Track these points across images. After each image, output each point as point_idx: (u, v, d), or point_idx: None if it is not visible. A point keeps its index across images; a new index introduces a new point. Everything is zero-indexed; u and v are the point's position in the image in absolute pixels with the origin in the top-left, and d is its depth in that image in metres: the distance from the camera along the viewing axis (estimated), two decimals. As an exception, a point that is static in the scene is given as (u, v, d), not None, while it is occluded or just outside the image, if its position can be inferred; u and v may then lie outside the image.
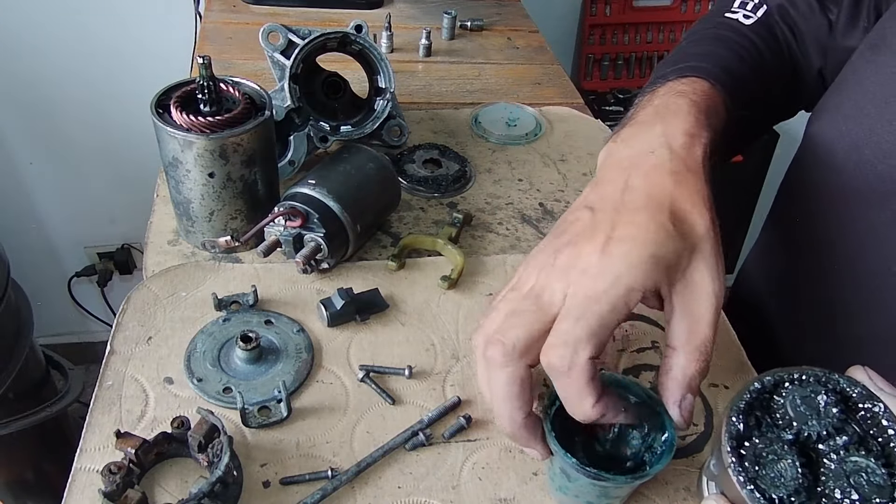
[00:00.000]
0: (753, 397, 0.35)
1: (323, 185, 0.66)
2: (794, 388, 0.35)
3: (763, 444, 0.33)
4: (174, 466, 0.52)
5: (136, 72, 1.55)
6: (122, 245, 1.87)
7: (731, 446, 0.34)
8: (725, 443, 0.34)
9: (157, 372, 0.58)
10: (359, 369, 0.60)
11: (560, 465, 0.47)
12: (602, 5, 1.75)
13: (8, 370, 1.15)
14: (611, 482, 0.46)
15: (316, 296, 0.66)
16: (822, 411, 0.34)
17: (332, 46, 0.80)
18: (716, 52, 0.63)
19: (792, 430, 0.33)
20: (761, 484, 0.32)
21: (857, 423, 0.34)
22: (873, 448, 0.33)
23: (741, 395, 0.35)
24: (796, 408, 0.34)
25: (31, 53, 1.50)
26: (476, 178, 0.84)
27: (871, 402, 0.34)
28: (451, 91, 1.03)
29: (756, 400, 0.35)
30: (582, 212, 0.46)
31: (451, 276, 0.68)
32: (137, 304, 0.64)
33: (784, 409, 0.34)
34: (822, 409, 0.34)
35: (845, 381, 0.34)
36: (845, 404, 0.34)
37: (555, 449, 0.46)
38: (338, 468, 0.52)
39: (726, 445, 0.34)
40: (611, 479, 0.45)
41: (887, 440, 0.32)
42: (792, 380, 0.35)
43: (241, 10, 1.17)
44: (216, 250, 0.68)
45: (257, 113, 0.64)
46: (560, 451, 0.45)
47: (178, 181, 0.65)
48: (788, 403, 0.34)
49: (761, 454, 0.33)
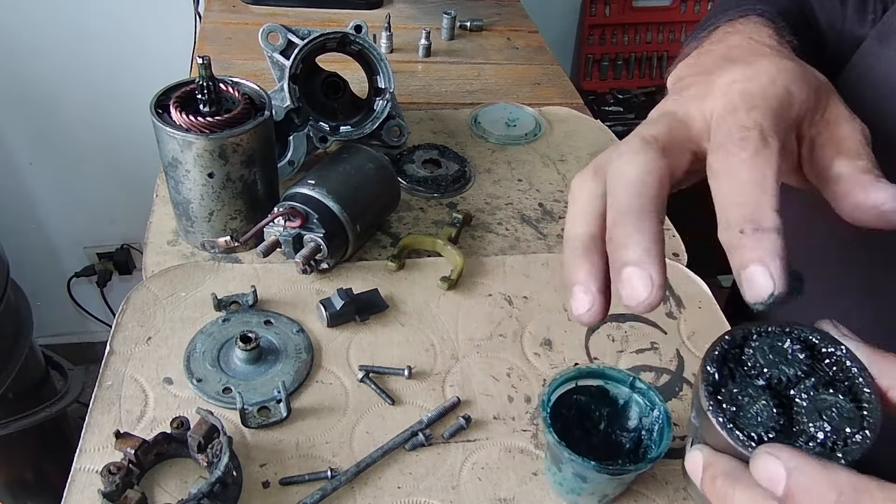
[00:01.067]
0: (725, 349, 0.36)
1: (322, 185, 0.66)
2: (761, 339, 0.36)
3: (738, 390, 0.35)
4: (174, 467, 0.52)
5: (135, 72, 1.55)
6: (121, 245, 1.87)
7: (709, 391, 0.35)
8: (703, 389, 0.35)
9: (157, 372, 0.58)
10: (358, 369, 0.60)
11: (575, 470, 0.48)
12: (602, 5, 1.75)
13: (7, 370, 1.15)
14: (632, 472, 0.46)
15: (315, 296, 0.66)
16: (790, 358, 0.35)
17: (331, 47, 0.80)
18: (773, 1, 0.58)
19: (764, 376, 0.35)
20: (740, 423, 0.34)
21: (824, 367, 0.35)
22: (840, 388, 0.35)
23: (714, 347, 0.36)
24: (765, 356, 0.36)
25: (32, 53, 1.50)
26: (476, 178, 0.84)
27: (834, 347, 0.35)
28: (450, 91, 1.03)
29: (727, 352, 0.36)
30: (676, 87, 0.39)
31: (451, 277, 0.68)
32: (137, 305, 0.64)
33: (754, 358, 0.36)
34: (789, 355, 0.35)
35: (809, 330, 0.36)
36: (811, 351, 0.36)
37: (568, 456, 0.46)
38: (337, 468, 0.52)
39: (703, 391, 0.35)
40: (632, 470, 0.46)
41: (853, 379, 0.34)
42: (759, 332, 0.37)
43: (240, 10, 1.17)
44: (216, 250, 0.68)
45: (257, 113, 0.64)
46: (578, 458, 0.46)
47: (178, 181, 0.65)
48: (758, 353, 0.36)
49: (736, 398, 0.35)
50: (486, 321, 0.66)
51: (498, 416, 0.58)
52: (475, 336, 0.65)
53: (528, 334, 0.65)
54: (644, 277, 0.29)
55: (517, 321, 0.66)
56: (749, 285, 0.28)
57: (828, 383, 0.35)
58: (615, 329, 0.67)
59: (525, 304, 0.68)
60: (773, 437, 0.33)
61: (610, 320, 0.67)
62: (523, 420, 0.58)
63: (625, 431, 0.52)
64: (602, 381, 0.53)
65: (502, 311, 0.67)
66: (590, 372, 0.52)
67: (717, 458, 0.35)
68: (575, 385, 0.52)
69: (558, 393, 0.51)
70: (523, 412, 0.58)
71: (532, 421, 0.58)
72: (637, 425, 0.52)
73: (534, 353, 0.64)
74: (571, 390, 0.52)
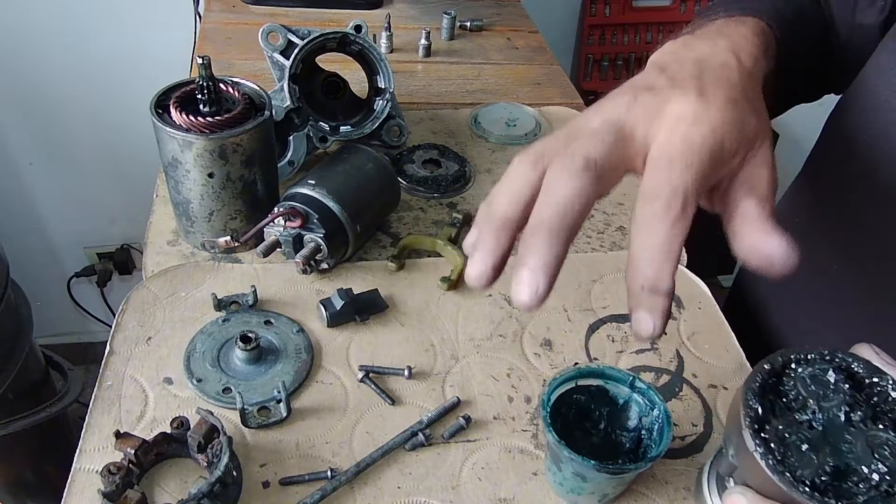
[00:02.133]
0: (764, 378, 0.35)
1: (322, 185, 0.66)
2: (801, 367, 0.35)
3: (783, 426, 0.33)
4: (174, 467, 0.52)
5: (135, 72, 1.55)
6: (121, 245, 1.87)
7: (754, 429, 0.33)
8: (747, 428, 0.33)
9: (157, 372, 0.58)
10: (358, 370, 0.60)
11: (574, 469, 0.48)
12: (602, 6, 1.75)
13: (7, 370, 1.15)
14: (632, 471, 0.46)
15: (315, 296, 0.66)
16: (833, 388, 0.34)
17: (331, 47, 0.80)
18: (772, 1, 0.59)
19: (808, 410, 0.33)
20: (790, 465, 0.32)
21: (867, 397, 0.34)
22: (886, 420, 0.33)
23: (754, 377, 0.35)
24: (807, 387, 0.34)
25: (32, 53, 1.50)
26: (476, 178, 0.84)
27: (877, 377, 0.34)
28: (450, 91, 1.03)
29: (766, 382, 0.35)
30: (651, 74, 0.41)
31: (451, 277, 0.68)
32: (137, 305, 0.64)
33: (796, 389, 0.34)
34: (832, 385, 0.34)
35: (850, 358, 0.35)
36: (852, 380, 0.34)
37: (568, 456, 0.46)
38: (337, 468, 0.52)
39: (748, 431, 0.33)
40: (632, 469, 0.46)
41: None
42: (799, 360, 0.35)
43: (240, 10, 1.17)
44: (216, 250, 0.68)
45: (257, 113, 0.64)
46: (577, 458, 0.46)
47: (178, 181, 0.65)
48: (799, 383, 0.34)
49: (783, 436, 0.33)
50: (486, 321, 0.66)
51: (498, 416, 0.58)
52: (475, 336, 0.65)
53: (527, 334, 0.65)
54: (532, 285, 0.34)
55: (517, 321, 0.66)
56: (637, 325, 0.34)
57: (874, 416, 0.33)
58: (615, 329, 0.67)
59: (525, 305, 0.68)
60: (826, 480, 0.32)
61: (610, 321, 0.67)
62: (523, 420, 0.58)
63: (625, 431, 0.53)
64: (602, 380, 0.53)
65: (502, 312, 0.67)
66: (590, 371, 0.52)
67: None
68: (575, 385, 0.52)
69: (558, 392, 0.51)
70: (523, 412, 0.58)
71: (532, 421, 0.58)
72: (637, 425, 0.52)
73: (534, 353, 0.64)
74: (571, 390, 0.52)
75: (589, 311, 0.68)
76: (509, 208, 0.36)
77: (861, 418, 0.33)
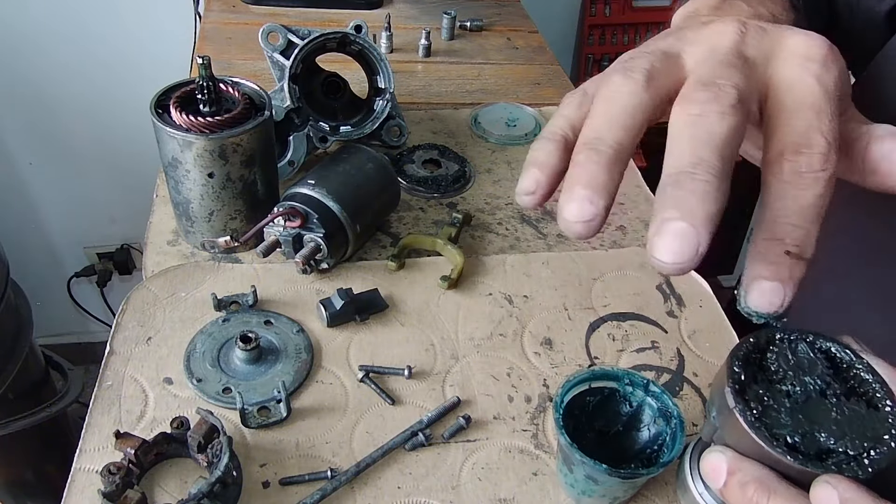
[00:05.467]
0: (750, 350, 0.37)
1: (322, 185, 0.65)
2: (784, 345, 0.37)
3: (763, 390, 0.35)
4: (173, 467, 0.52)
5: (135, 72, 1.55)
6: (121, 245, 1.87)
7: (735, 390, 0.35)
8: (729, 387, 0.35)
9: (157, 372, 0.58)
10: (358, 369, 0.60)
11: (586, 472, 0.47)
12: (602, 6, 1.75)
13: (7, 370, 1.15)
14: (644, 476, 0.46)
15: (315, 296, 0.66)
16: (813, 365, 0.36)
17: (331, 47, 0.80)
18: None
19: (787, 381, 0.36)
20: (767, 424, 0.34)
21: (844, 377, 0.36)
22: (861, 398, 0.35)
23: (739, 347, 0.37)
24: (788, 362, 0.36)
25: (31, 53, 1.50)
26: (476, 178, 0.84)
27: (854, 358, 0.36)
28: (450, 91, 1.03)
29: (751, 354, 0.37)
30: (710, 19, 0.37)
31: (451, 276, 0.68)
32: (137, 305, 0.64)
33: (777, 363, 0.36)
34: (812, 363, 0.36)
35: (831, 341, 0.37)
36: (831, 361, 0.36)
37: (580, 459, 0.46)
38: (337, 468, 0.52)
39: (730, 390, 0.35)
40: (644, 474, 0.46)
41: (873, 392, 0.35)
42: (782, 338, 0.37)
43: (240, 10, 1.17)
44: (216, 250, 0.68)
45: (257, 113, 0.64)
46: (589, 462, 0.46)
47: (178, 181, 0.65)
48: (780, 358, 0.36)
49: (762, 398, 0.35)
50: (486, 321, 0.66)
51: (498, 416, 0.58)
52: (475, 336, 0.65)
53: (528, 334, 0.65)
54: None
55: (517, 320, 0.66)
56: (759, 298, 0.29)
57: (848, 393, 0.35)
58: (615, 328, 0.67)
59: (525, 304, 0.68)
60: (800, 441, 0.33)
61: (611, 319, 0.67)
62: (523, 420, 0.58)
63: (637, 434, 0.52)
64: (616, 383, 0.52)
65: (502, 311, 0.67)
66: (603, 374, 0.52)
67: (745, 464, 0.34)
68: (588, 387, 0.52)
69: (571, 394, 0.51)
70: (523, 412, 0.58)
71: (532, 421, 0.58)
72: (650, 428, 0.51)
73: (534, 352, 0.64)
74: (584, 392, 0.52)
75: (589, 309, 0.68)
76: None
77: (835, 393, 0.35)
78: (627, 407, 0.52)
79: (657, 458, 0.49)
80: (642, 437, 0.52)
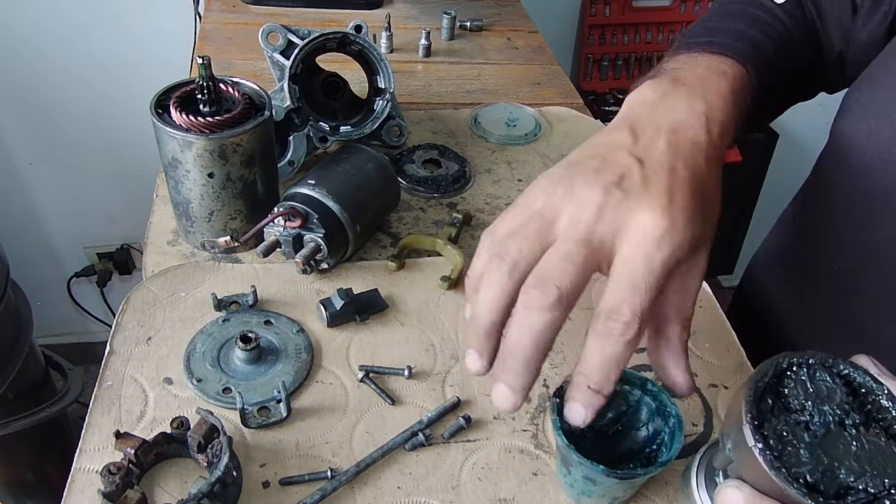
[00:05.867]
0: (766, 378, 0.36)
1: (322, 185, 0.66)
2: (802, 372, 0.36)
3: (781, 425, 0.34)
4: (174, 467, 0.52)
5: (135, 72, 1.55)
6: (121, 245, 1.87)
7: (754, 426, 0.34)
8: (748, 424, 0.34)
9: (157, 372, 0.58)
10: (358, 369, 0.60)
11: (585, 473, 0.47)
12: (602, 6, 1.75)
13: (7, 370, 1.15)
14: (642, 476, 0.46)
15: (315, 296, 0.66)
16: (831, 394, 0.35)
17: (331, 47, 0.80)
18: (752, 36, 0.60)
19: (806, 412, 0.35)
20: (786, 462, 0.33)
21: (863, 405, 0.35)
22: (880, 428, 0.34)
23: (757, 377, 0.36)
24: (807, 390, 0.35)
25: (31, 53, 1.50)
26: (476, 178, 0.84)
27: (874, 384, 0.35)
28: (450, 91, 1.03)
29: (768, 382, 0.36)
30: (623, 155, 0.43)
31: (451, 277, 0.68)
32: (137, 305, 0.64)
33: (795, 391, 0.35)
34: (830, 392, 0.35)
35: (849, 366, 0.36)
36: (850, 387, 0.35)
37: (577, 460, 0.46)
38: (337, 468, 0.52)
39: (749, 427, 0.34)
40: (642, 474, 0.46)
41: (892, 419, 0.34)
42: (800, 364, 0.36)
43: (240, 10, 1.17)
44: (216, 250, 0.68)
45: (257, 113, 0.64)
46: (587, 462, 0.46)
47: (178, 181, 0.65)
48: (799, 386, 0.36)
49: (781, 434, 0.34)
50: (486, 321, 0.66)
51: (498, 416, 0.58)
52: (475, 336, 0.64)
53: (528, 334, 0.65)
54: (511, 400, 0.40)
55: (517, 321, 0.66)
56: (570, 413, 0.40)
57: (868, 423, 0.35)
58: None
59: (525, 304, 0.68)
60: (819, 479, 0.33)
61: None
62: (523, 420, 0.58)
63: (636, 434, 0.52)
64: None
65: (502, 311, 0.67)
66: None
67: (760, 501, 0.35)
68: None
69: None
70: (523, 412, 0.58)
71: (532, 421, 0.58)
72: (648, 428, 0.51)
73: (534, 353, 0.63)
74: None
75: (589, 309, 0.68)
76: (494, 316, 0.40)
77: (855, 423, 0.34)
78: (625, 406, 0.52)
79: (656, 458, 0.49)
80: (641, 437, 0.52)
